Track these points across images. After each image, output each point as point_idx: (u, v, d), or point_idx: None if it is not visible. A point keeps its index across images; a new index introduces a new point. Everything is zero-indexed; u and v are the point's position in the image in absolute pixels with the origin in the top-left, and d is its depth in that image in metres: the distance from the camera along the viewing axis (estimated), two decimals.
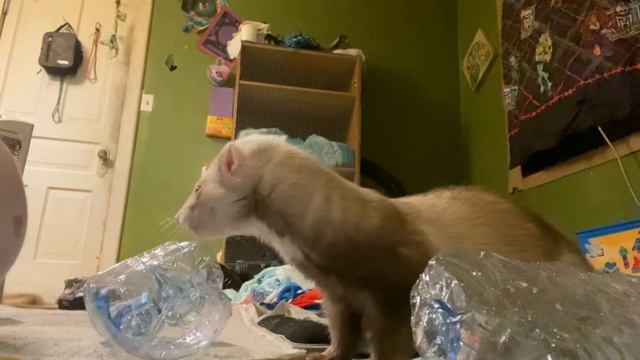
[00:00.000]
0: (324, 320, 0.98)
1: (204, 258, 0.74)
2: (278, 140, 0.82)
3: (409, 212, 0.81)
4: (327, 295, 0.86)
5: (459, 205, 0.85)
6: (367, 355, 0.80)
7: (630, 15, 2.11)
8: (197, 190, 0.83)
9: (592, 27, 2.29)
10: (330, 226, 0.74)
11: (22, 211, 0.79)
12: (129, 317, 0.66)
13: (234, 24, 3.72)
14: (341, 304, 0.84)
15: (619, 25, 2.15)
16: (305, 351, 0.74)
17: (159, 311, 0.66)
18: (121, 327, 0.65)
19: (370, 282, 0.75)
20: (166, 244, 0.76)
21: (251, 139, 0.82)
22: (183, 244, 0.75)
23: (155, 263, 0.70)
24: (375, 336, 0.75)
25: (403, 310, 0.65)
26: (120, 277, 0.68)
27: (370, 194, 0.83)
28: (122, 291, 0.67)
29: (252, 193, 0.77)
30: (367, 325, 0.76)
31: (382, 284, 0.74)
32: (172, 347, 0.66)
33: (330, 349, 0.85)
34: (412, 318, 0.54)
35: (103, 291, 0.67)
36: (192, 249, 0.75)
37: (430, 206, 0.85)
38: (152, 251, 0.74)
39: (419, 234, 0.77)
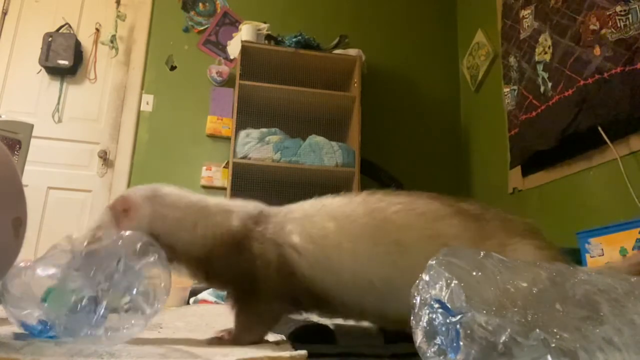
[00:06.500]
0: (325, 320, 0.99)
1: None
2: (159, 185, 0.97)
3: (277, 214, 0.94)
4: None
5: (348, 205, 0.93)
6: (365, 355, 0.81)
7: (630, 15, 2.11)
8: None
9: (592, 27, 2.29)
10: (194, 245, 0.91)
11: (22, 212, 0.79)
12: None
13: (234, 24, 3.72)
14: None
15: (618, 25, 2.15)
16: (306, 351, 0.74)
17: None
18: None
19: (227, 277, 0.92)
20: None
21: (137, 187, 0.97)
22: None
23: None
24: (234, 318, 0.91)
25: (251, 297, 0.89)
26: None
27: (235, 205, 0.96)
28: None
29: (149, 233, 0.88)
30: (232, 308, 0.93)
31: (235, 276, 0.90)
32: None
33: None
34: (411, 318, 0.54)
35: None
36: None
37: (312, 207, 0.95)
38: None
39: (272, 231, 0.91)
